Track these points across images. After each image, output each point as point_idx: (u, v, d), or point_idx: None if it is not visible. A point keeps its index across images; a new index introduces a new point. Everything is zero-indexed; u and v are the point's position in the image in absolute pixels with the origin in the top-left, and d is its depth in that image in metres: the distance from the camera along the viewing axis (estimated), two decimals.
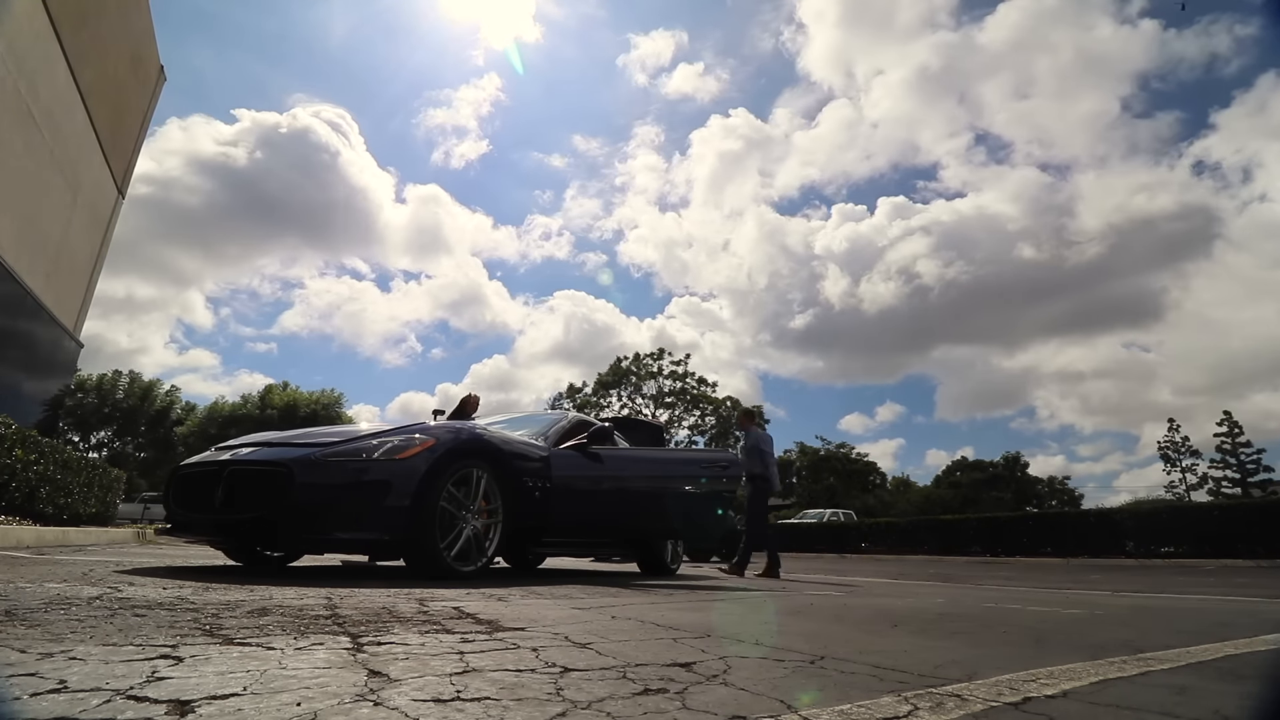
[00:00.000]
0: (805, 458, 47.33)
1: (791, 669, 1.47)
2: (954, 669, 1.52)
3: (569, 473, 4.25)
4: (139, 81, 12.35)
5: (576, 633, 1.83)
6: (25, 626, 1.49)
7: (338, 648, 1.43)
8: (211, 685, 1.05)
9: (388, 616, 1.94)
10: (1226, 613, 3.34)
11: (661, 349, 41.13)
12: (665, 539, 5.61)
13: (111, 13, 10.63)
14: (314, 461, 3.16)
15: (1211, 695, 1.38)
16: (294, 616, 1.85)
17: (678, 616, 2.35)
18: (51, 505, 6.73)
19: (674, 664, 1.45)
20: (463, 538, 3.42)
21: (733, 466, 5.24)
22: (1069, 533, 15.74)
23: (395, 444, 3.29)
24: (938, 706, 1.16)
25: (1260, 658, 1.92)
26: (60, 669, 1.11)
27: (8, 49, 7.42)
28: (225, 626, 1.62)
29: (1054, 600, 3.92)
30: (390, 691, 1.08)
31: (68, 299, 10.69)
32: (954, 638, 2.14)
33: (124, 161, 12.18)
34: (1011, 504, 40.02)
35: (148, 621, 1.65)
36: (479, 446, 3.63)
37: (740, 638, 1.92)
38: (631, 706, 1.08)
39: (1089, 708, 1.21)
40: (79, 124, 9.85)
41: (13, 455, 5.90)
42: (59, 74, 8.84)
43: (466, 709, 1.01)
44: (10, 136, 7.88)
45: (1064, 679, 1.43)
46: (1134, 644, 2.03)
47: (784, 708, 1.11)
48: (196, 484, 3.40)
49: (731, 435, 39.91)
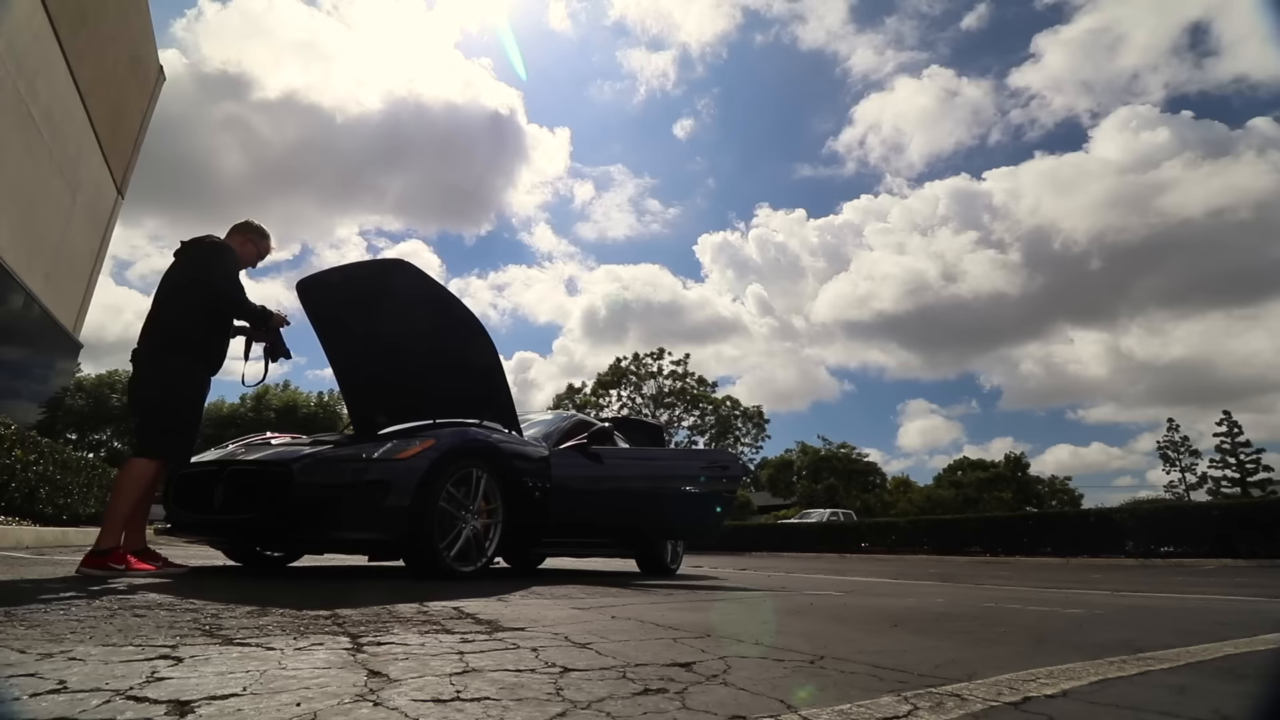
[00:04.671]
0: (805, 458, 47.27)
1: (791, 669, 1.47)
2: (954, 669, 1.52)
3: (569, 473, 4.25)
4: (138, 82, 12.34)
5: (576, 633, 1.83)
6: (25, 626, 1.49)
7: (337, 648, 1.43)
8: (211, 685, 1.05)
9: (387, 616, 1.94)
10: (1226, 612, 3.34)
11: (661, 349, 41.17)
12: (665, 539, 5.60)
13: (111, 13, 10.62)
14: (314, 461, 3.16)
15: (1211, 694, 1.38)
16: (294, 616, 1.85)
17: (677, 616, 2.35)
18: (51, 505, 6.72)
19: (674, 664, 1.45)
20: (462, 538, 3.42)
21: (732, 466, 5.24)
22: (1069, 532, 15.74)
23: (395, 444, 3.29)
24: (937, 706, 1.16)
25: (1260, 657, 1.92)
26: (60, 669, 1.11)
27: (7, 49, 7.42)
28: (225, 626, 1.62)
29: (1054, 600, 3.92)
30: (390, 691, 1.08)
31: (67, 299, 10.68)
32: (954, 637, 2.14)
33: (123, 162, 12.17)
34: (1012, 504, 40.00)
35: (147, 622, 1.65)
36: (479, 446, 3.63)
37: (740, 638, 1.92)
38: (631, 706, 1.08)
39: (1089, 707, 1.21)
40: (78, 124, 9.84)
41: (12, 455, 5.90)
42: (58, 74, 8.84)
43: (466, 709, 1.01)
44: (9, 137, 7.88)
45: (1064, 678, 1.43)
46: (1134, 643, 2.03)
47: (784, 707, 1.11)
48: (196, 484, 3.39)
49: (730, 435, 39.93)
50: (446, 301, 3.95)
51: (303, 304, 4.19)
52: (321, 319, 4.28)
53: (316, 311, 4.23)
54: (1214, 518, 13.86)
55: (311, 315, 4.25)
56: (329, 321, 4.30)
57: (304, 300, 4.18)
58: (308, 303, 4.19)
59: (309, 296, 4.18)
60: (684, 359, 40.85)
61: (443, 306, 3.97)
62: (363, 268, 4.11)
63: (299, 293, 4.16)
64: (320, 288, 4.17)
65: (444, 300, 3.95)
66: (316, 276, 4.17)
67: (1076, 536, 15.40)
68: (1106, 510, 17.25)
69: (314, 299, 4.20)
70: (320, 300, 4.20)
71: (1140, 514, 15.93)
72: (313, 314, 4.24)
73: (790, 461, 48.13)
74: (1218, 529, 13.26)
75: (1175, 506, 23.54)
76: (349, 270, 4.14)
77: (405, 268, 3.84)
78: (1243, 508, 15.07)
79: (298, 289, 4.15)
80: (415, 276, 3.83)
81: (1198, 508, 17.05)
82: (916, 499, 44.58)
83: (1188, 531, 13.92)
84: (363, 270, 4.09)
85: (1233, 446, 39.59)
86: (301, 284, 4.17)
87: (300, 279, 4.24)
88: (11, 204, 8.24)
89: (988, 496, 41.90)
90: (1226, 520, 13.46)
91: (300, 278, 4.23)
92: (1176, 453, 43.07)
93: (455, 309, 3.97)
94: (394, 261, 3.90)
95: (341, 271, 4.16)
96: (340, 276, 4.13)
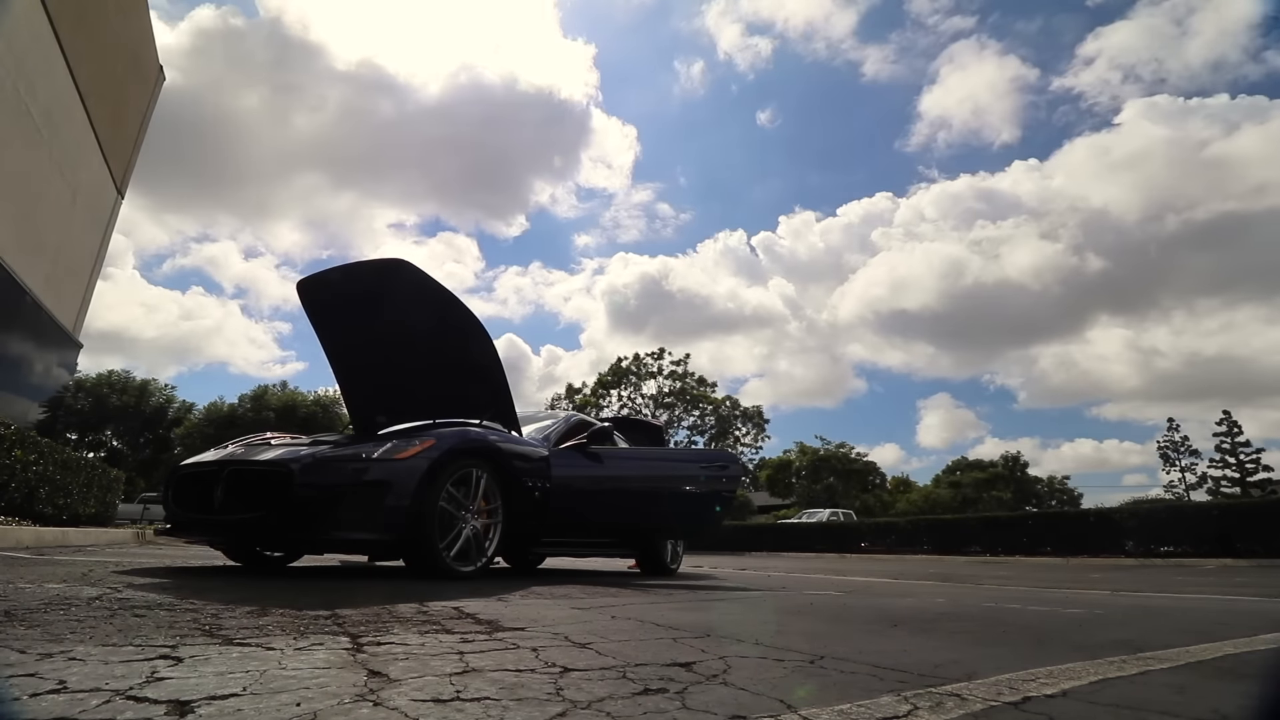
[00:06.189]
0: (805, 458, 47.26)
1: (791, 668, 1.47)
2: (954, 668, 1.52)
3: (569, 473, 4.25)
4: (138, 82, 12.35)
5: (576, 633, 1.83)
6: (25, 627, 1.49)
7: (337, 648, 1.43)
8: (211, 685, 1.05)
9: (387, 616, 1.94)
10: (1226, 612, 3.34)
11: (662, 349, 41.16)
12: (665, 538, 5.61)
13: (111, 13, 10.63)
14: (314, 461, 3.16)
15: (1211, 694, 1.38)
16: (294, 616, 1.85)
17: (677, 616, 2.35)
18: (51, 505, 6.72)
19: (674, 664, 1.45)
20: (462, 538, 3.42)
21: (732, 466, 5.24)
22: (1069, 532, 15.74)
23: (395, 444, 3.29)
24: (937, 706, 1.16)
25: (1259, 657, 1.92)
26: (60, 669, 1.11)
27: (6, 49, 7.42)
28: (225, 627, 1.62)
29: (1054, 600, 3.92)
30: (390, 691, 1.08)
31: (67, 300, 10.69)
32: (954, 637, 2.14)
33: (123, 162, 12.17)
34: (1011, 504, 40.00)
35: (147, 622, 1.65)
36: (479, 446, 3.62)
37: (740, 637, 1.92)
38: (631, 706, 1.08)
39: (1089, 707, 1.21)
40: (78, 124, 9.85)
41: (12, 455, 5.90)
42: (58, 74, 8.84)
43: (466, 709, 1.01)
44: (9, 137, 7.88)
45: (1064, 678, 1.43)
46: (1133, 643, 2.03)
47: (784, 707, 1.11)
48: (196, 484, 3.39)
49: (730, 435, 39.91)
50: (447, 301, 3.95)
51: (303, 303, 4.19)
52: (322, 318, 4.28)
53: (317, 311, 4.23)
54: (1214, 518, 13.87)
55: (312, 315, 4.25)
56: (329, 321, 4.30)
57: (304, 300, 4.18)
58: (308, 302, 4.18)
59: (309, 296, 4.18)
60: (684, 359, 40.89)
61: (443, 306, 3.97)
62: (363, 267, 4.11)
63: (299, 292, 4.16)
64: (321, 287, 4.17)
65: (444, 300, 3.95)
66: (317, 276, 4.17)
67: (1076, 536, 15.40)
68: (1106, 510, 17.25)
69: (314, 298, 4.20)
70: (321, 300, 4.20)
71: (1140, 514, 15.93)
72: (313, 313, 4.24)
73: (789, 461, 48.12)
74: (1218, 529, 13.27)
75: (1175, 506, 23.52)
76: (349, 270, 4.14)
77: (405, 267, 3.84)
78: (1243, 508, 15.08)
79: (298, 288, 4.15)
80: (415, 276, 3.83)
81: (1198, 508, 17.05)
82: (915, 499, 44.57)
83: (1188, 531, 13.93)
84: (363, 270, 4.09)
85: (1232, 446, 39.59)
86: (302, 283, 4.17)
87: (301, 278, 4.24)
88: (11, 204, 8.24)
89: (986, 496, 41.89)
90: (1226, 520, 13.47)
91: (301, 277, 4.24)
92: (1176, 453, 43.13)
93: (455, 309, 3.97)
94: (394, 261, 3.90)
95: (342, 271, 4.16)
96: (341, 276, 4.13)
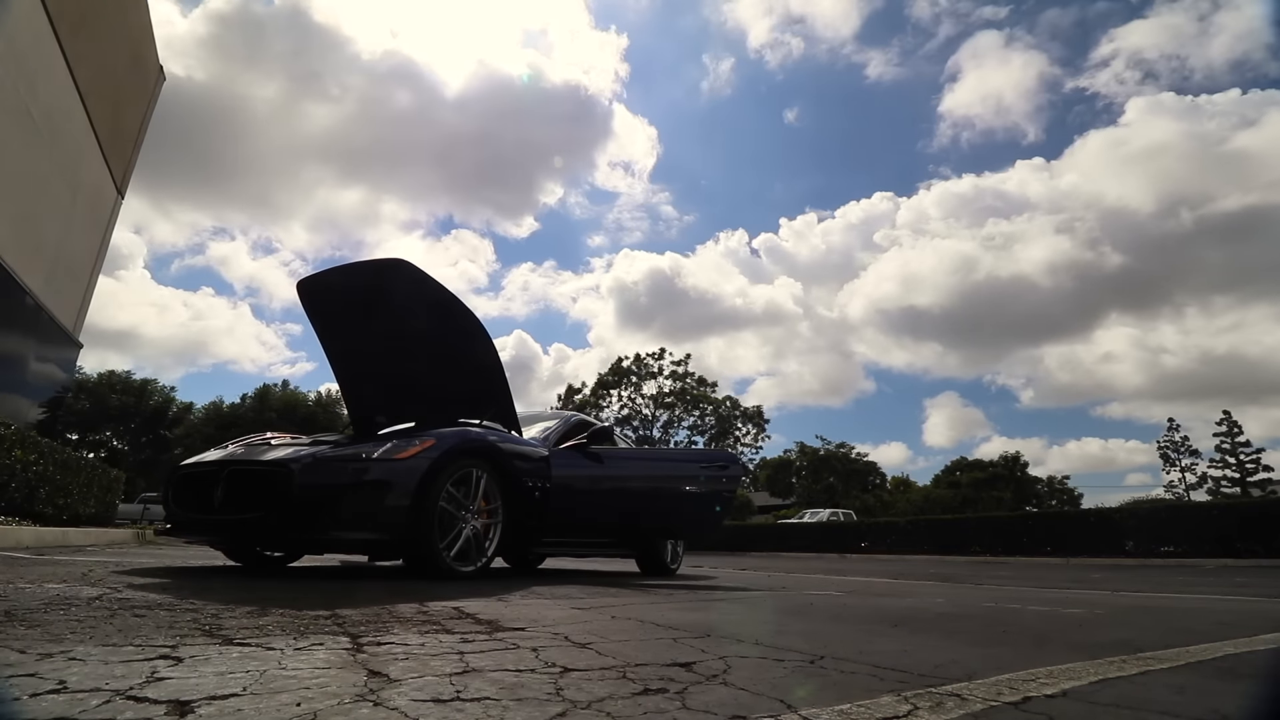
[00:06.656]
0: (805, 457, 47.28)
1: (791, 669, 1.47)
2: (954, 668, 1.52)
3: (569, 473, 4.25)
4: (138, 82, 12.35)
5: (576, 633, 1.83)
6: (25, 627, 1.49)
7: (337, 648, 1.43)
8: (211, 685, 1.05)
9: (387, 616, 1.94)
10: (1226, 612, 3.34)
11: (662, 349, 41.16)
12: (665, 538, 5.60)
13: (111, 13, 10.63)
14: (314, 461, 3.16)
15: (1210, 694, 1.38)
16: (294, 616, 1.85)
17: (678, 616, 2.35)
18: (51, 506, 6.72)
19: (674, 664, 1.45)
20: (462, 538, 3.42)
21: (732, 466, 5.23)
22: (1069, 532, 15.74)
23: (395, 444, 3.29)
24: (937, 706, 1.16)
25: (1259, 657, 1.92)
26: (60, 669, 1.11)
27: (7, 49, 7.42)
28: (225, 627, 1.62)
29: (1054, 600, 3.92)
30: (390, 691, 1.08)
31: (67, 300, 10.69)
32: (954, 637, 2.14)
33: (123, 162, 12.16)
34: (1011, 504, 40.00)
35: (147, 622, 1.65)
36: (479, 446, 3.63)
37: (740, 638, 1.92)
38: (631, 706, 1.08)
39: (1089, 707, 1.21)
40: (78, 125, 9.84)
41: (12, 455, 5.89)
42: (58, 74, 8.84)
43: (466, 709, 1.01)
44: (9, 137, 7.87)
45: (1064, 678, 1.43)
46: (1133, 643, 2.03)
47: (784, 707, 1.11)
48: (196, 484, 3.39)
49: (731, 435, 39.92)
50: (447, 301, 3.95)
51: (303, 303, 4.18)
52: (322, 319, 4.28)
53: (317, 311, 4.23)
54: (1214, 518, 13.87)
55: (312, 315, 4.24)
56: (330, 321, 4.30)
57: (304, 299, 4.17)
58: (308, 302, 4.18)
59: (310, 296, 4.18)
60: (685, 359, 40.90)
61: (443, 306, 3.97)
62: (363, 267, 4.11)
63: (299, 292, 4.16)
64: (321, 287, 4.16)
65: (445, 300, 3.94)
66: (317, 276, 4.16)
67: (1076, 536, 15.40)
68: (1106, 510, 17.27)
69: (315, 298, 4.19)
70: (321, 299, 4.20)
71: (1140, 514, 15.95)
72: (313, 313, 4.24)
73: (789, 461, 48.14)
74: (1218, 529, 13.27)
75: (1175, 506, 23.57)
76: (350, 270, 4.14)
77: (406, 267, 3.84)
78: (1243, 508, 15.08)
79: (298, 288, 4.15)
80: (416, 276, 3.83)
81: (1198, 508, 17.07)
82: (915, 499, 44.57)
83: (1188, 531, 13.93)
84: (363, 270, 4.09)
85: (1233, 446, 39.61)
86: (302, 284, 4.17)
87: (301, 279, 4.24)
88: (12, 204, 8.24)
89: (986, 496, 41.89)
90: (1226, 520, 13.47)
91: (301, 278, 4.24)
92: (1176, 453, 43.14)
93: (456, 309, 3.97)
94: (395, 261, 3.90)
95: (342, 271, 4.16)
96: (341, 276, 4.13)
